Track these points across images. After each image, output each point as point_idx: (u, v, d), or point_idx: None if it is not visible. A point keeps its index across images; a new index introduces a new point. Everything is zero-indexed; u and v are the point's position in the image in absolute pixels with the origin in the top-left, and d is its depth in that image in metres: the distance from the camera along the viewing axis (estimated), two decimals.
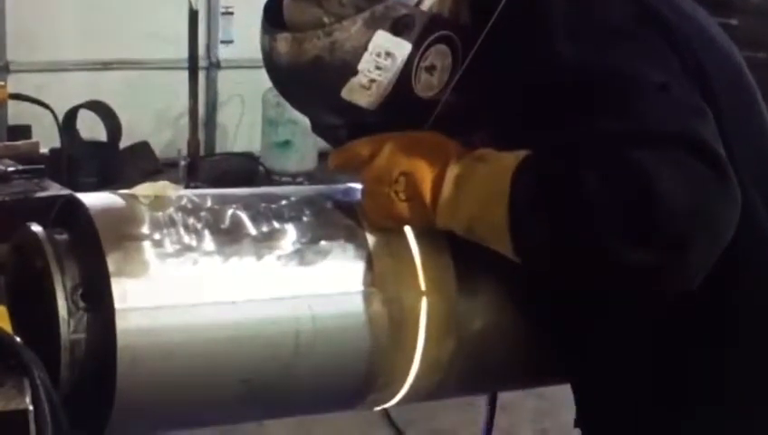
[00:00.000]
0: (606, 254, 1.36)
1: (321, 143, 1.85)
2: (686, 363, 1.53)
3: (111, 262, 1.43)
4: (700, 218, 1.34)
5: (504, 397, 2.06)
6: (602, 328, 1.58)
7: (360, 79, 1.58)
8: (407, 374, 1.61)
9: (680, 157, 1.35)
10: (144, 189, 1.55)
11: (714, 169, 1.35)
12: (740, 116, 1.57)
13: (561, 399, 1.91)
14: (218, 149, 7.89)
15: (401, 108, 1.60)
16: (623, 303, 1.52)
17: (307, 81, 1.61)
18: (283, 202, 1.60)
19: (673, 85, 1.43)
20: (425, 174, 1.53)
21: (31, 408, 1.26)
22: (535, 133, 1.47)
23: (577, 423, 1.69)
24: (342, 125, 1.67)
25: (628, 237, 1.34)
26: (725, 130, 1.45)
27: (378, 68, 1.58)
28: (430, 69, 1.60)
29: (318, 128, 1.73)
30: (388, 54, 1.58)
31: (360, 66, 1.58)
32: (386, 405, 1.68)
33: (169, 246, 1.48)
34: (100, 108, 6.79)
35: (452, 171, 1.51)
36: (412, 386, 1.62)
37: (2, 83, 2.91)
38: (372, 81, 1.58)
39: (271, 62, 1.64)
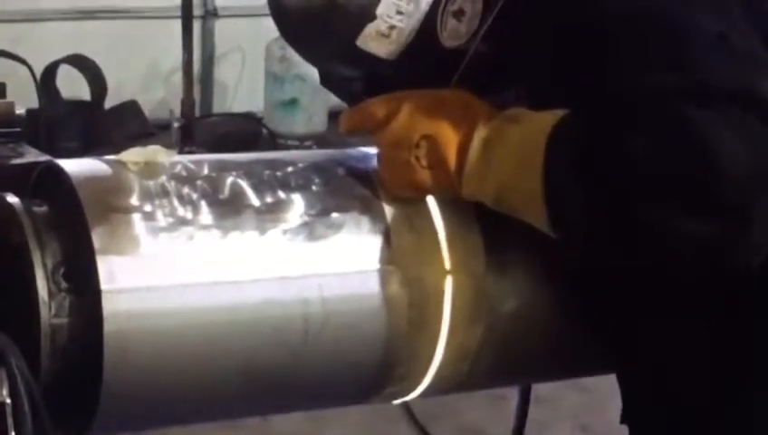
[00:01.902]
0: (656, 227, 1.36)
1: (332, 102, 1.86)
2: (749, 349, 1.53)
3: (97, 237, 1.44)
4: (764, 184, 1.34)
5: (539, 389, 2.07)
6: (651, 311, 1.59)
7: (379, 25, 1.59)
8: (429, 363, 1.62)
9: (740, 115, 1.34)
10: (133, 155, 1.56)
11: None
12: None
13: (605, 391, 1.91)
14: (216, 109, 7.89)
15: (424, 59, 1.61)
16: (674, 282, 1.53)
17: (318, 27, 1.61)
18: (290, 169, 1.61)
19: (731, 33, 1.43)
20: (449, 137, 1.53)
21: (8, 401, 1.28)
22: (574, 89, 1.47)
23: (623, 419, 1.70)
24: (357, 78, 1.67)
25: (681, 208, 1.34)
26: None
27: (399, 12, 1.58)
28: (458, 14, 1.60)
29: (329, 81, 1.74)
30: None
31: (379, 10, 1.58)
32: (406, 398, 1.69)
33: (162, 220, 1.49)
34: (82, 63, 6.79)
35: (480, 134, 1.52)
36: (435, 377, 1.63)
37: None
38: (392, 27, 1.59)
39: (277, 6, 1.65)
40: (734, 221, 1.35)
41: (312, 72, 1.76)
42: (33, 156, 2.23)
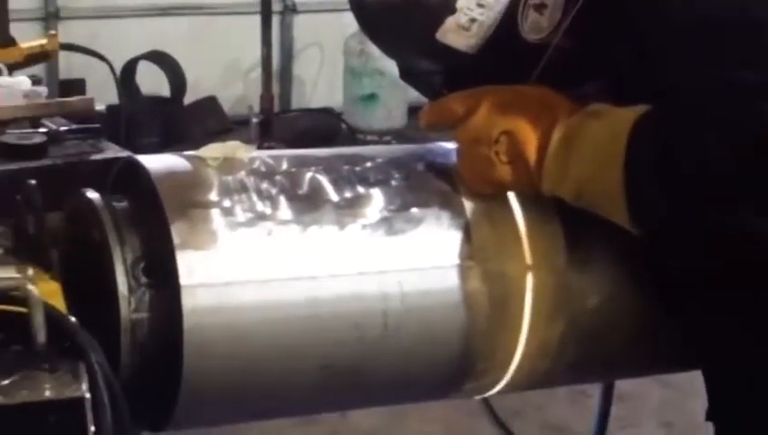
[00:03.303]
0: (735, 225, 1.36)
1: (411, 97, 1.86)
2: None
3: (176, 233, 1.45)
4: None
5: (622, 385, 2.05)
6: (737, 306, 1.57)
7: (459, 18, 1.58)
8: (510, 360, 1.61)
9: None
10: (212, 151, 1.57)
11: None
12: None
13: (690, 388, 1.90)
14: (295, 105, 7.93)
15: (505, 53, 1.60)
16: (759, 277, 1.51)
17: (398, 20, 1.62)
18: (369, 164, 1.61)
19: None
20: (529, 133, 1.53)
21: (88, 395, 1.29)
22: (656, 86, 1.46)
23: (709, 416, 1.68)
24: (437, 72, 1.67)
25: (753, 206, 1.34)
26: None
27: (480, 5, 1.58)
28: (539, 7, 1.59)
29: (409, 75, 1.74)
30: None
31: (460, 3, 1.58)
32: (486, 394, 1.69)
33: (241, 215, 1.49)
34: (161, 59, 6.86)
35: (560, 130, 1.51)
36: (516, 373, 1.63)
37: (53, 32, 2.95)
38: (473, 20, 1.59)
39: (357, 0, 1.65)
40: None
41: (392, 67, 1.76)
42: (112, 152, 2.26)
